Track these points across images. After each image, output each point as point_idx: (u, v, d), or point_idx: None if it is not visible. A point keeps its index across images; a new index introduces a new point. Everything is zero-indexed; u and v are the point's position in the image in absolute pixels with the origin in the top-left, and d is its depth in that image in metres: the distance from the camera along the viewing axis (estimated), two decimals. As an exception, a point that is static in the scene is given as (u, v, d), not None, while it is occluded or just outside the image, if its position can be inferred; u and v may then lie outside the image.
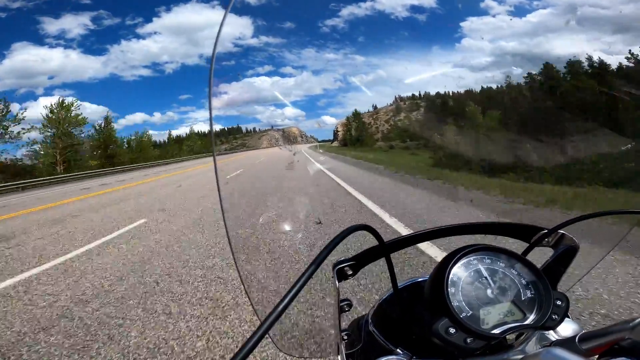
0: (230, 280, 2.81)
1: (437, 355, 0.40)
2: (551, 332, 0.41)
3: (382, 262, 0.47)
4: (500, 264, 0.44)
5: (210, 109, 0.45)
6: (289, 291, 0.30)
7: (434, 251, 2.63)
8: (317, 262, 0.34)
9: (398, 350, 0.43)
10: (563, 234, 0.50)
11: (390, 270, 0.45)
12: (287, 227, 1.34)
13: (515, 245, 0.53)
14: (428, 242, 0.55)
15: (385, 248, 0.44)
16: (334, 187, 5.32)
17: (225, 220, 0.56)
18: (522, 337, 0.41)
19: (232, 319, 2.19)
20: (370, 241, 0.45)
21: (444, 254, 0.45)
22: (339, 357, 0.45)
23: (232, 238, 0.57)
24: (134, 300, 2.62)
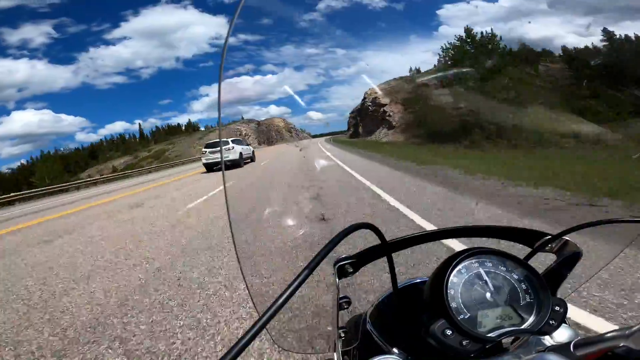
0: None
1: (432, 357, 0.40)
2: (547, 337, 0.41)
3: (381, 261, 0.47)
4: (501, 267, 0.44)
5: (219, 109, 0.46)
6: (288, 287, 0.31)
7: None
8: (318, 259, 0.34)
9: (394, 350, 0.44)
10: (567, 240, 0.50)
11: (391, 269, 0.46)
12: (290, 223, 1.34)
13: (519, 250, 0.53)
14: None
15: (388, 247, 0.44)
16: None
17: (230, 216, 0.56)
18: (518, 342, 0.41)
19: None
20: (373, 240, 0.46)
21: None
22: (335, 354, 0.45)
23: (236, 232, 0.57)
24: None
